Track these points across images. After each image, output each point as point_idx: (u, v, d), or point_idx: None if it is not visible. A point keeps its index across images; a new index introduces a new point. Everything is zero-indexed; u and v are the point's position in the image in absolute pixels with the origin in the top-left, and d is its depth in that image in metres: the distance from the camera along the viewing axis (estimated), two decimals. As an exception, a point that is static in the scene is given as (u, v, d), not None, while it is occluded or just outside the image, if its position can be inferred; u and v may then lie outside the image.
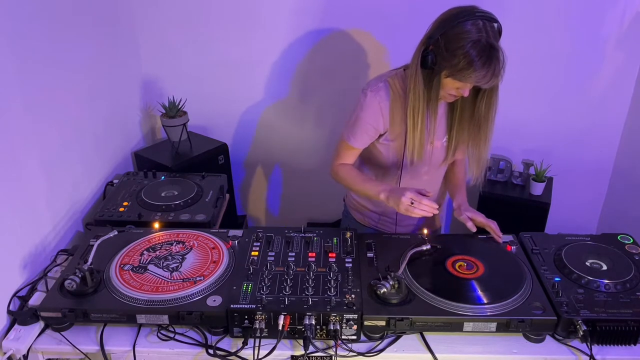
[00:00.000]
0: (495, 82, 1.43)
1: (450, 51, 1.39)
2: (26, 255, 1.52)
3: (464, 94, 1.48)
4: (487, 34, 1.38)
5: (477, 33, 1.37)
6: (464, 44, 1.37)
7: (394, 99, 1.59)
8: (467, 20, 1.38)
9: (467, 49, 1.36)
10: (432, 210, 1.47)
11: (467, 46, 1.36)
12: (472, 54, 1.36)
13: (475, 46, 1.36)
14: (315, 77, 2.50)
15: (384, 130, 1.64)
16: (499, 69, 1.40)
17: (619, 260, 1.48)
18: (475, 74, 1.38)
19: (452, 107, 1.62)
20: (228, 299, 1.32)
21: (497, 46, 1.39)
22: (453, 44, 1.38)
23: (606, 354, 1.30)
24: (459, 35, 1.38)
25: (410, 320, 1.30)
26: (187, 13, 2.35)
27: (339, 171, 1.71)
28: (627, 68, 2.37)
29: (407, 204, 1.47)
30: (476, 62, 1.36)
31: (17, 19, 1.48)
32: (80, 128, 1.87)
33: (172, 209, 1.80)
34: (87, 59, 1.91)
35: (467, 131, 1.62)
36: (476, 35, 1.37)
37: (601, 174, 2.64)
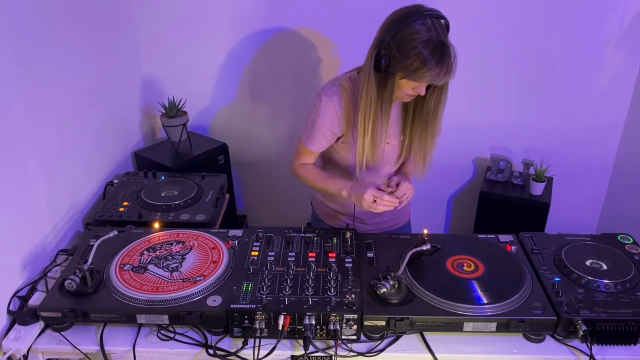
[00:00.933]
0: (448, 78, 1.43)
1: (403, 53, 1.39)
2: (26, 255, 1.52)
3: (421, 93, 1.49)
4: (437, 32, 1.39)
5: (427, 32, 1.38)
6: (415, 45, 1.37)
7: (348, 102, 1.60)
8: (416, 20, 1.39)
9: (420, 49, 1.37)
10: (393, 204, 1.51)
11: (419, 46, 1.37)
12: (425, 53, 1.37)
13: (427, 46, 1.37)
14: (315, 77, 2.50)
15: (341, 133, 1.65)
16: (452, 65, 1.41)
17: (619, 260, 1.48)
18: (430, 72, 1.39)
19: (405, 107, 1.63)
20: (228, 299, 1.32)
21: (448, 43, 1.40)
22: (405, 45, 1.39)
23: (606, 354, 1.30)
24: (409, 36, 1.39)
25: (410, 320, 1.30)
26: (187, 13, 2.35)
27: (299, 170, 1.75)
28: (627, 68, 2.37)
29: (369, 201, 1.51)
30: (430, 61, 1.37)
31: (17, 20, 1.48)
32: (80, 128, 1.87)
33: (172, 209, 1.80)
34: (87, 59, 1.91)
35: (417, 130, 1.62)
36: (427, 35, 1.37)
37: (601, 174, 2.64)
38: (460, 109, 2.47)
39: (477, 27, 2.33)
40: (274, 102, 2.58)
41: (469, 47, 2.36)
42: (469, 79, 2.44)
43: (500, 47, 2.35)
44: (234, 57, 2.45)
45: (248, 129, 2.65)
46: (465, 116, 2.49)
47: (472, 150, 2.65)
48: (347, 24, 2.36)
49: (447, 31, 1.44)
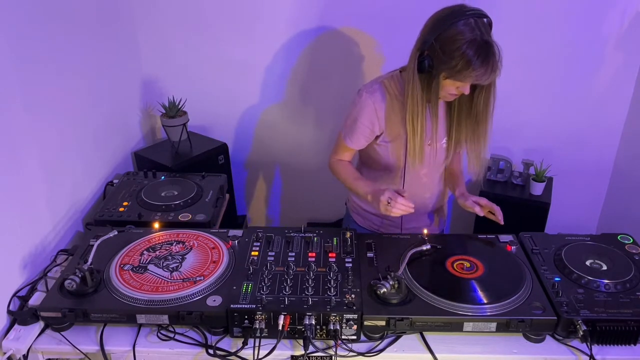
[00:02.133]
0: (494, 77, 1.44)
1: (447, 54, 1.39)
2: (26, 255, 1.52)
3: (465, 92, 1.49)
4: (481, 32, 1.39)
5: (471, 32, 1.38)
6: (460, 45, 1.37)
7: (389, 101, 1.59)
8: (459, 21, 1.39)
9: (464, 49, 1.37)
10: (407, 209, 1.49)
11: (463, 47, 1.37)
12: (469, 53, 1.37)
13: (471, 46, 1.37)
14: (316, 78, 2.50)
15: (380, 131, 1.64)
16: (497, 64, 1.41)
17: (619, 260, 1.48)
18: (475, 72, 1.39)
19: (450, 107, 1.62)
20: (228, 299, 1.32)
21: (492, 41, 1.40)
22: (449, 46, 1.39)
23: (606, 354, 1.30)
24: (453, 37, 1.39)
25: (410, 320, 1.30)
26: (187, 13, 2.35)
27: (336, 166, 1.75)
28: (627, 68, 2.37)
29: (385, 204, 1.50)
30: (474, 61, 1.37)
31: (17, 19, 1.48)
32: (80, 128, 1.87)
33: (172, 209, 1.80)
34: (87, 59, 1.91)
35: (465, 129, 1.62)
36: (470, 35, 1.37)
37: (601, 174, 2.64)
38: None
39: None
40: (274, 102, 2.58)
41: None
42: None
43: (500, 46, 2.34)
44: (234, 56, 2.45)
45: (248, 129, 2.65)
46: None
47: (472, 150, 2.65)
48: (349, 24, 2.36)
49: (490, 29, 1.44)
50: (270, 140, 2.67)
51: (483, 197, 1.67)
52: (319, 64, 2.46)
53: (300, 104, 2.57)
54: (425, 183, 1.76)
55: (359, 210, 1.89)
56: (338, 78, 2.48)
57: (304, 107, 2.58)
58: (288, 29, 2.38)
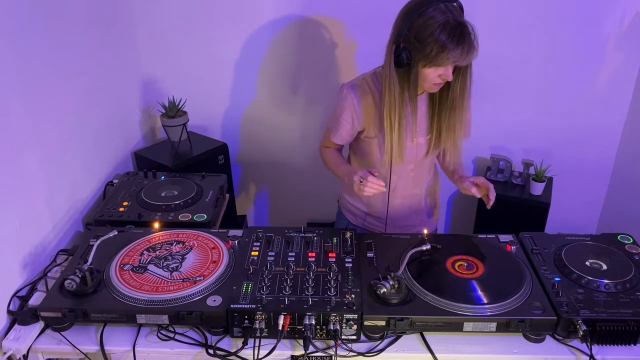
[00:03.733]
0: (471, 56, 1.43)
1: (422, 41, 1.40)
2: (26, 255, 1.52)
3: (448, 78, 1.48)
4: (452, 14, 1.39)
5: (442, 15, 1.38)
6: (432, 31, 1.38)
7: (369, 97, 1.61)
8: (429, 8, 1.40)
9: (437, 34, 1.38)
10: (378, 187, 1.50)
11: (436, 32, 1.38)
12: (443, 37, 1.38)
13: (444, 28, 1.37)
14: (317, 77, 2.50)
15: (361, 128, 1.66)
16: (473, 43, 1.41)
17: (619, 260, 1.48)
18: (452, 54, 1.39)
19: (432, 102, 1.62)
20: (228, 299, 1.32)
21: (464, 21, 1.40)
22: (422, 33, 1.40)
23: (606, 354, 1.30)
24: (425, 23, 1.40)
25: (410, 320, 1.30)
26: (187, 13, 2.35)
27: (323, 152, 1.82)
28: (627, 68, 2.37)
29: (357, 183, 1.52)
30: (449, 43, 1.38)
31: (17, 20, 1.48)
32: (80, 128, 1.87)
33: (172, 209, 1.80)
34: (87, 59, 1.91)
35: (445, 118, 1.61)
36: (442, 18, 1.38)
37: (601, 174, 2.64)
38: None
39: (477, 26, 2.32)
40: (274, 102, 2.58)
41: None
42: (469, 79, 2.44)
43: (500, 47, 2.35)
44: (233, 57, 2.45)
45: (248, 129, 2.65)
46: (465, 116, 2.49)
47: (472, 150, 2.65)
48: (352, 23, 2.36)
49: (462, 11, 1.44)
50: (271, 140, 2.67)
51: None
52: (321, 64, 2.46)
53: (300, 104, 2.57)
54: (414, 178, 1.76)
55: (349, 207, 1.90)
56: (340, 77, 2.48)
57: (305, 108, 2.58)
58: (289, 29, 2.38)
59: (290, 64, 2.47)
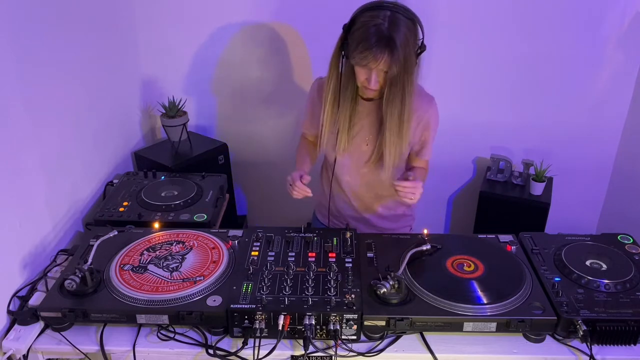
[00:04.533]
0: (391, 65, 1.41)
1: (353, 35, 1.44)
2: (26, 255, 1.52)
3: (369, 85, 1.48)
4: (390, 24, 1.39)
5: (380, 20, 1.40)
6: (361, 27, 1.42)
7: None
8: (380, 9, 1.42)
9: (362, 32, 1.41)
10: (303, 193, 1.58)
11: (362, 29, 1.41)
12: (362, 36, 1.40)
13: (369, 30, 1.40)
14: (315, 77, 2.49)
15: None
16: (395, 51, 1.39)
17: (619, 260, 1.48)
18: (368, 53, 1.40)
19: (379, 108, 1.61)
20: (228, 299, 1.32)
21: (394, 36, 1.38)
22: (355, 26, 1.44)
23: (606, 354, 1.30)
24: (363, 20, 1.43)
25: (410, 320, 1.30)
26: (187, 13, 2.35)
27: (300, 142, 1.88)
28: (627, 68, 2.37)
29: (288, 184, 1.61)
30: (362, 43, 1.40)
31: (17, 19, 1.48)
32: (80, 128, 1.87)
33: (172, 209, 1.80)
34: (87, 59, 1.91)
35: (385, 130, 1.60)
36: (377, 21, 1.40)
37: (601, 174, 2.64)
38: (460, 109, 2.47)
39: (476, 27, 2.33)
40: (274, 102, 2.58)
41: (469, 47, 2.37)
42: (468, 79, 2.44)
43: (500, 47, 2.35)
44: (233, 56, 2.45)
45: (248, 129, 2.65)
46: (465, 116, 2.49)
47: (472, 150, 2.65)
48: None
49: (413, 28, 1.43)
50: (270, 140, 2.67)
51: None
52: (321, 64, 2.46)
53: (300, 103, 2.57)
54: (368, 182, 1.75)
55: (319, 207, 1.95)
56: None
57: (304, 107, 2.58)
58: (289, 29, 2.38)
59: (290, 64, 2.47)
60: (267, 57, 2.45)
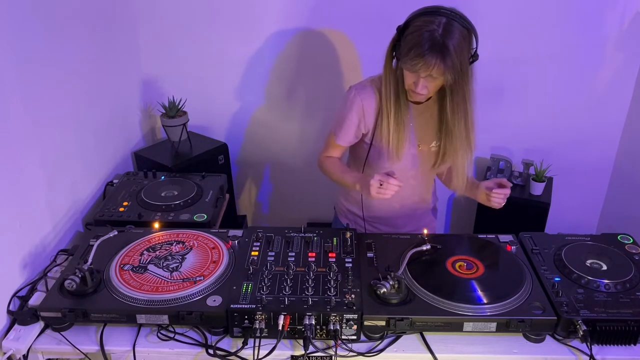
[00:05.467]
0: (444, 72, 1.40)
1: (405, 39, 1.42)
2: (26, 255, 1.52)
3: (417, 89, 1.47)
4: (445, 31, 1.38)
5: (435, 25, 1.38)
6: (414, 31, 1.40)
7: (374, 98, 1.60)
8: (434, 14, 1.40)
9: (415, 37, 1.39)
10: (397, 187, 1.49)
11: (416, 34, 1.39)
12: (415, 41, 1.38)
13: (423, 36, 1.38)
14: (316, 78, 2.50)
15: (366, 130, 1.65)
16: (448, 59, 1.38)
17: (619, 260, 1.48)
18: (419, 60, 1.38)
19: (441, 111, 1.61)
20: (228, 299, 1.32)
21: (447, 43, 1.37)
22: (409, 31, 1.43)
23: (606, 354, 1.30)
24: (416, 24, 1.41)
25: (410, 320, 1.30)
26: (187, 13, 2.35)
27: (324, 162, 1.76)
28: (627, 68, 2.37)
29: (376, 187, 1.48)
30: (414, 49, 1.38)
31: (17, 20, 1.48)
32: (80, 128, 1.87)
33: (172, 209, 1.80)
34: (87, 59, 1.91)
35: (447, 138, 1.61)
36: (431, 27, 1.38)
37: (601, 174, 2.64)
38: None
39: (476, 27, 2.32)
40: (274, 102, 2.58)
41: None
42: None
43: (500, 47, 2.35)
44: (234, 57, 2.45)
45: (248, 129, 2.65)
46: (465, 116, 2.49)
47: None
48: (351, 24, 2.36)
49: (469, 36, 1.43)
50: (271, 140, 2.67)
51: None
52: (320, 63, 2.46)
53: (301, 104, 2.57)
54: (413, 186, 1.76)
55: (346, 213, 1.90)
56: (341, 78, 2.48)
57: (305, 108, 2.58)
58: (289, 29, 2.38)
59: (290, 64, 2.47)
60: (268, 57, 2.45)
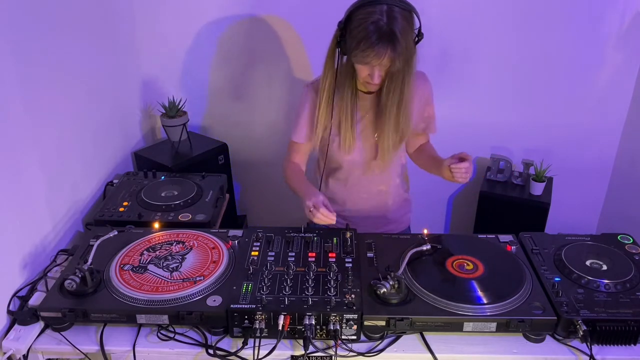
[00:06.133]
0: (394, 61, 1.41)
1: (352, 32, 1.42)
2: (26, 255, 1.52)
3: (372, 80, 1.48)
4: (389, 18, 1.38)
5: (378, 15, 1.38)
6: (362, 24, 1.40)
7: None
8: (374, 3, 1.40)
9: (364, 26, 1.39)
10: (327, 219, 1.49)
11: (364, 24, 1.39)
12: (362, 34, 1.39)
13: (368, 27, 1.38)
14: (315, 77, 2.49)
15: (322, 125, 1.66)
16: (397, 47, 1.39)
17: (619, 260, 1.48)
18: (371, 51, 1.39)
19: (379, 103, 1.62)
20: (228, 299, 1.32)
21: (394, 30, 1.38)
22: (353, 24, 1.42)
23: (606, 354, 1.30)
24: (359, 17, 1.41)
25: (410, 320, 1.30)
26: (187, 13, 2.35)
27: (287, 169, 1.78)
28: (627, 68, 2.37)
29: (307, 211, 1.53)
30: (371, 37, 1.38)
31: (16, 19, 1.48)
32: (80, 128, 1.87)
33: (172, 209, 1.80)
34: (87, 59, 1.91)
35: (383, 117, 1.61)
36: (375, 17, 1.38)
37: (601, 174, 2.64)
38: (460, 108, 2.47)
39: (477, 27, 2.33)
40: (275, 102, 2.58)
41: (469, 47, 2.37)
42: (468, 79, 2.44)
43: (500, 46, 2.35)
44: (234, 57, 2.45)
45: (248, 129, 2.65)
46: (465, 116, 2.49)
47: (472, 150, 2.63)
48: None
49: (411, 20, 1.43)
50: (270, 140, 2.67)
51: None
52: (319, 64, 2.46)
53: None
54: (379, 175, 1.76)
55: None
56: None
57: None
58: (289, 29, 2.38)
59: (290, 64, 2.47)
60: (268, 57, 2.45)
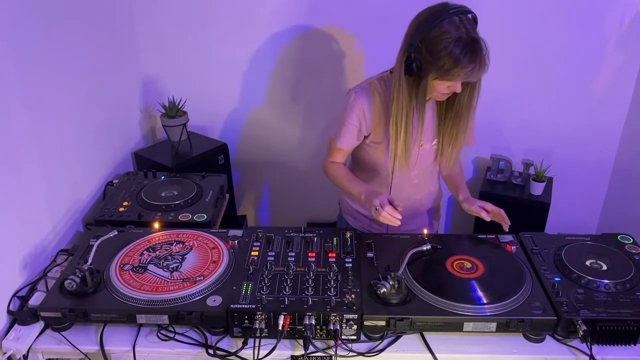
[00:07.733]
0: (482, 73, 1.43)
1: (434, 54, 1.39)
2: (26, 255, 1.52)
3: (457, 90, 1.48)
4: (466, 29, 1.38)
5: (456, 30, 1.37)
6: (446, 45, 1.37)
7: (376, 102, 1.60)
8: (444, 20, 1.38)
9: (451, 48, 1.36)
10: (392, 220, 1.46)
11: (449, 46, 1.36)
12: (456, 52, 1.36)
13: (457, 44, 1.36)
14: (317, 79, 2.49)
15: (367, 132, 1.65)
16: (485, 60, 1.40)
17: (619, 260, 1.48)
18: (464, 70, 1.38)
19: (439, 108, 1.62)
20: (228, 299, 1.32)
21: (478, 38, 1.39)
22: (435, 47, 1.39)
23: (606, 354, 1.30)
24: (439, 37, 1.38)
25: (410, 320, 1.30)
26: (187, 13, 2.35)
27: (329, 168, 1.75)
28: (627, 68, 2.37)
29: (374, 208, 1.48)
30: (462, 59, 1.37)
31: (17, 19, 1.48)
32: (80, 128, 1.87)
33: (172, 209, 1.80)
34: (87, 59, 1.91)
35: (448, 126, 1.61)
36: (456, 33, 1.37)
37: (601, 174, 2.64)
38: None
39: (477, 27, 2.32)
40: (274, 102, 2.58)
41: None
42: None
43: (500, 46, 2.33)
44: (234, 57, 2.45)
45: (248, 129, 2.65)
46: (465, 116, 2.49)
47: (472, 150, 2.65)
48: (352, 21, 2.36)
49: (476, 24, 1.43)
50: (270, 140, 2.67)
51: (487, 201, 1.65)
52: (319, 64, 2.46)
53: (301, 104, 2.57)
54: (417, 184, 1.76)
55: (350, 211, 1.90)
56: (339, 78, 2.48)
57: (305, 108, 2.58)
58: (289, 29, 2.38)
59: (291, 65, 2.47)
60: (268, 57, 2.45)
